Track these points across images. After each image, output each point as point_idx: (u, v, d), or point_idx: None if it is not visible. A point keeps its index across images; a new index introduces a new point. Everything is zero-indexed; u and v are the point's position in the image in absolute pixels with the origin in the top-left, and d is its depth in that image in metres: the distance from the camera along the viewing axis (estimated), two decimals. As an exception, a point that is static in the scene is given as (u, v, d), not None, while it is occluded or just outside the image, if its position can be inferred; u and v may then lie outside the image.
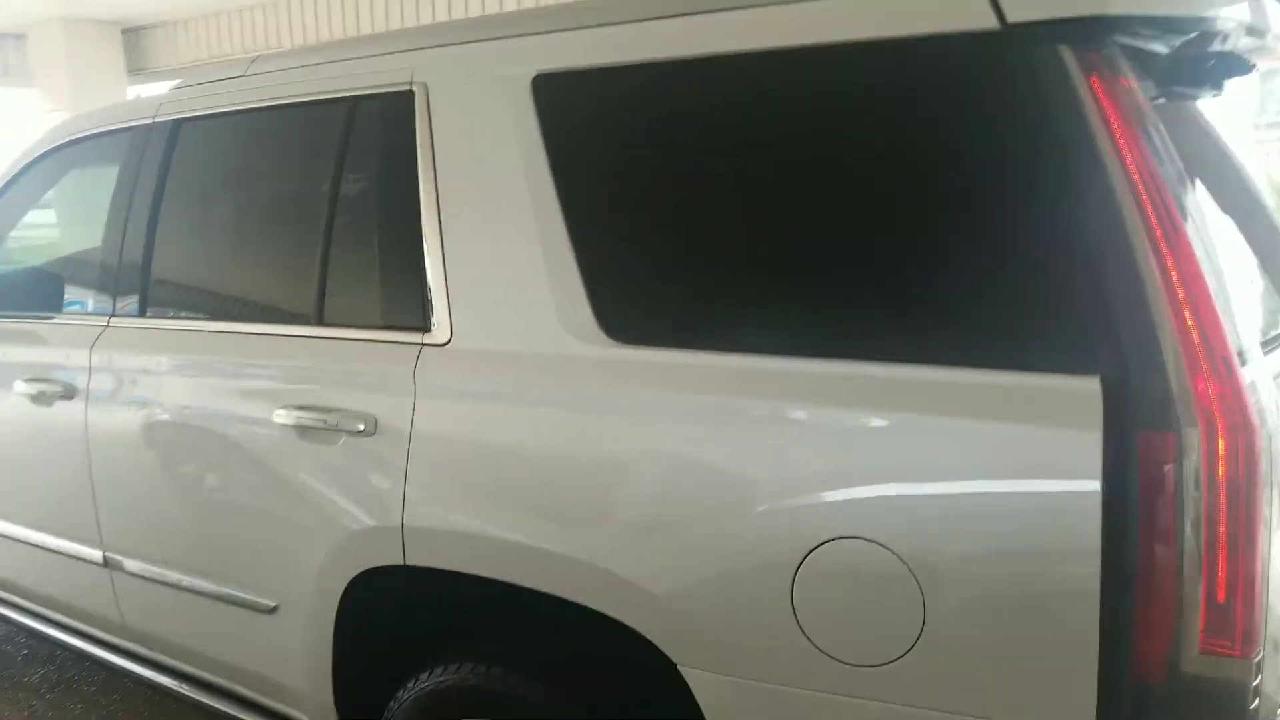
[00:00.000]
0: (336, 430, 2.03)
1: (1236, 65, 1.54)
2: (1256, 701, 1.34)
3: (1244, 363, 1.33)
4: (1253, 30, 1.58)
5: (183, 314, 2.58)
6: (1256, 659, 1.33)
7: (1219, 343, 1.30)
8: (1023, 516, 1.38)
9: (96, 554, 2.64)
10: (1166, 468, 1.28)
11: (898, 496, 1.46)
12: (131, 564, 2.57)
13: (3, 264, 3.29)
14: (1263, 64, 1.76)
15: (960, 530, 1.42)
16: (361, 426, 1.99)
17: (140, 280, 2.58)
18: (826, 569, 1.49)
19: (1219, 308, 1.31)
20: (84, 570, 2.70)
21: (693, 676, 1.64)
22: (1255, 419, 1.29)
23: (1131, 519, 1.30)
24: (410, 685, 1.99)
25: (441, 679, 1.94)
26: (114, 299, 2.64)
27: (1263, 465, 1.30)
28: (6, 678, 3.59)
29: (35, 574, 2.97)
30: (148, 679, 2.70)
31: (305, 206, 2.29)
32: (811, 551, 1.49)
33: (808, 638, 1.52)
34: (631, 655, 1.72)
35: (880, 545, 1.45)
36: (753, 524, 1.57)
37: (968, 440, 1.41)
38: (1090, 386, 1.31)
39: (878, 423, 1.48)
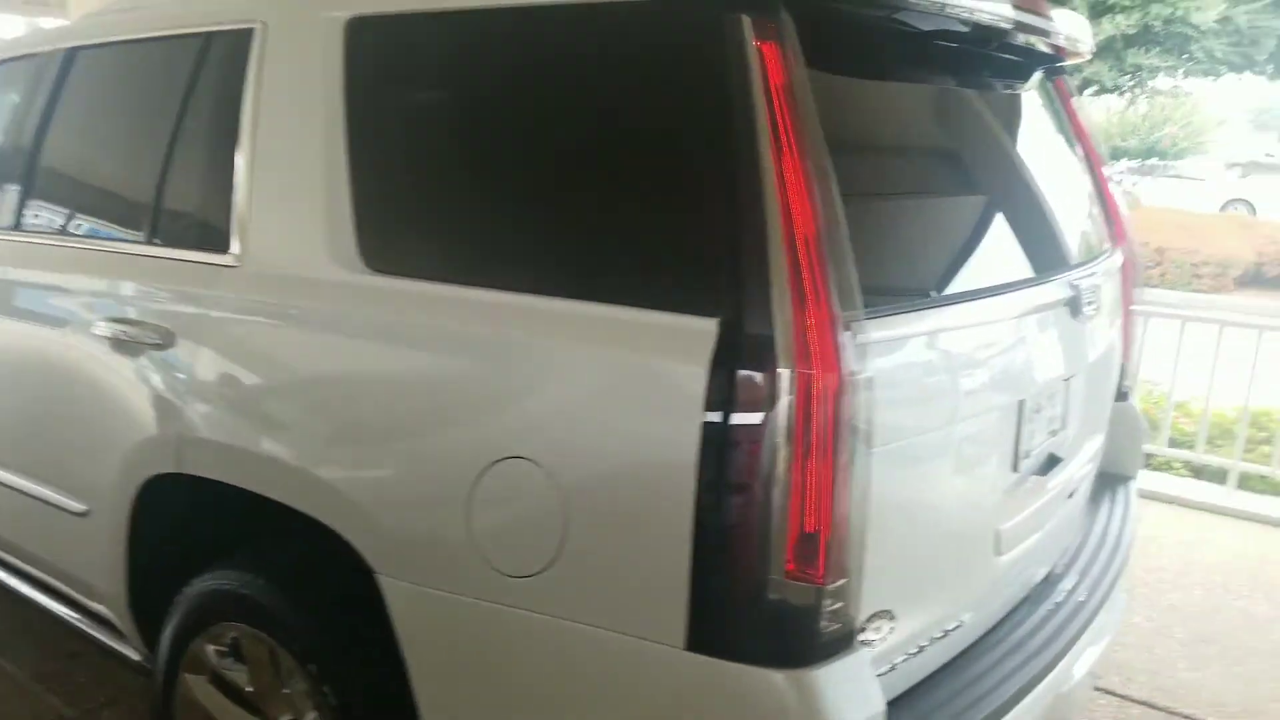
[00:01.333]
0: (139, 343, 2.20)
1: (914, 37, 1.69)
2: (838, 625, 1.49)
3: (850, 322, 1.47)
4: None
5: (37, 228, 2.75)
6: (837, 586, 1.47)
7: (823, 300, 1.44)
8: (641, 441, 1.54)
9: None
10: (763, 404, 1.43)
11: (548, 420, 1.63)
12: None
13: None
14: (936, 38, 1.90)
15: (592, 451, 1.58)
16: (159, 340, 2.16)
17: (20, 197, 2.76)
18: (496, 486, 1.65)
19: (831, 271, 1.46)
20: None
21: (385, 584, 1.80)
22: (846, 368, 1.44)
23: (728, 450, 1.45)
24: (183, 590, 2.15)
25: (206, 584, 2.10)
26: None
27: (850, 410, 1.45)
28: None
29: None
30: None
31: (149, 135, 2.43)
32: (487, 469, 1.65)
33: (480, 551, 1.67)
34: (353, 567, 1.87)
35: (535, 463, 1.60)
36: (440, 442, 1.74)
37: (603, 369, 1.58)
38: (708, 327, 1.47)
39: (537, 351, 1.65)
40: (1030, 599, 2.17)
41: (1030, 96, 2.45)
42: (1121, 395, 2.85)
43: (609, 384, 1.58)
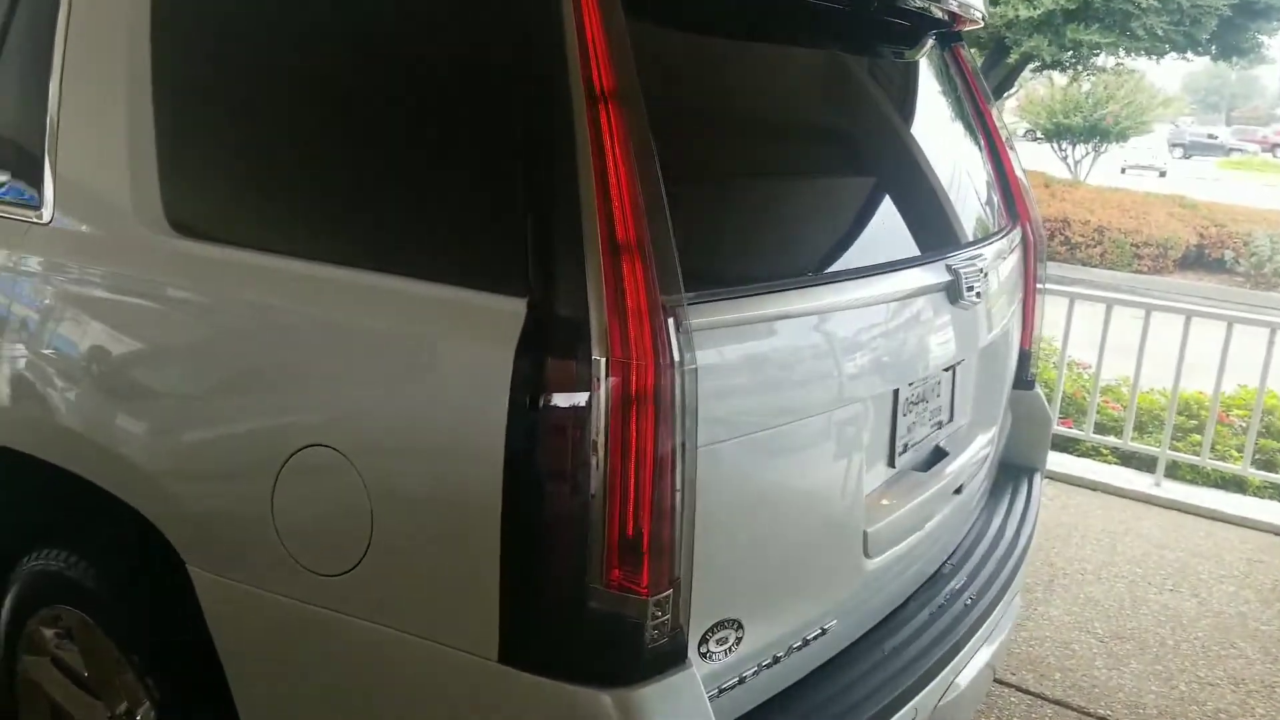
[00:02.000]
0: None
1: None
2: (665, 639, 1.33)
3: (676, 307, 1.31)
4: None
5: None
6: (662, 596, 1.32)
7: (643, 283, 1.27)
8: (446, 431, 1.35)
9: None
10: (573, 395, 1.26)
11: (352, 404, 1.44)
12: None
13: None
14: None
15: (399, 441, 1.40)
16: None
17: None
18: (300, 475, 1.47)
19: (653, 252, 1.29)
20: None
21: (195, 575, 1.63)
22: (668, 357, 1.28)
23: (536, 444, 1.28)
24: (16, 567, 1.98)
25: (34, 563, 1.93)
26: None
27: (672, 402, 1.28)
28: None
29: None
30: None
31: None
32: (290, 456, 1.47)
33: (284, 545, 1.51)
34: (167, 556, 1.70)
35: (340, 453, 1.43)
36: (242, 424, 1.56)
37: (409, 350, 1.41)
38: (516, 307, 1.29)
39: (339, 327, 1.47)
40: (914, 599, 2.03)
41: (916, 65, 2.29)
42: (1026, 383, 2.73)
43: (415, 368, 1.40)
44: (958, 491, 2.12)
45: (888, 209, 2.01)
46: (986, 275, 2.06)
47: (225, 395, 1.61)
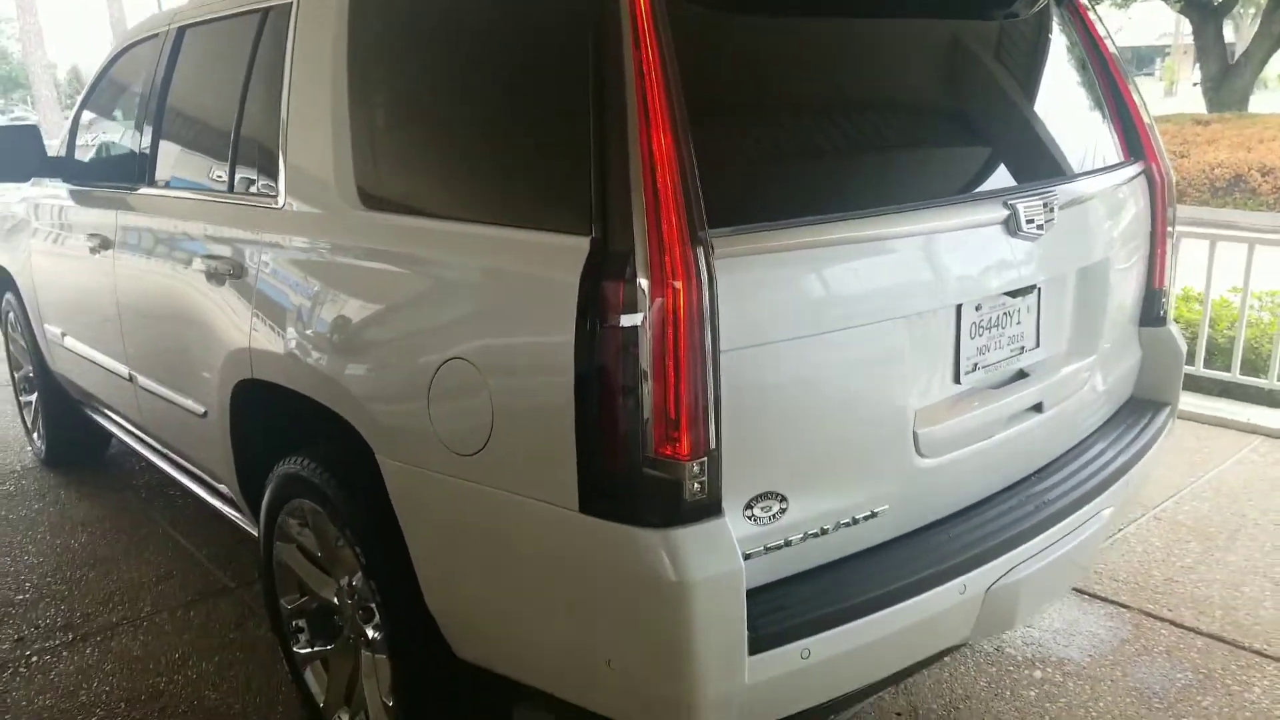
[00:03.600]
0: (222, 275, 2.70)
1: None
2: (702, 495, 1.73)
3: (711, 238, 1.70)
4: None
5: (164, 185, 3.32)
6: (698, 463, 1.72)
7: (678, 219, 1.67)
8: (536, 344, 1.83)
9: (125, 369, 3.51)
10: (623, 311, 1.68)
11: (476, 327, 1.96)
12: (141, 379, 3.40)
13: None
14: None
15: (506, 352, 1.90)
16: (233, 271, 2.64)
17: (151, 158, 3.36)
18: (445, 380, 1.99)
19: (688, 194, 1.68)
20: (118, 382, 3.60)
21: (382, 463, 2.19)
22: (698, 279, 1.67)
23: (597, 350, 1.71)
24: (270, 474, 2.64)
25: (282, 468, 2.57)
26: (137, 173, 3.43)
27: (702, 316, 1.68)
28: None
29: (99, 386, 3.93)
30: (161, 467, 3.57)
31: (225, 103, 2.92)
32: (440, 366, 1.99)
33: (438, 433, 2.03)
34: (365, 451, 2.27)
35: (470, 363, 1.93)
36: (412, 347, 2.10)
37: (509, 283, 1.91)
38: (581, 244, 1.74)
39: (459, 269, 2.02)
40: (990, 501, 2.27)
41: None
42: (1157, 320, 2.83)
43: (514, 296, 1.89)
44: (1038, 409, 2.33)
45: (947, 146, 2.26)
46: (1056, 210, 2.24)
47: (397, 327, 2.17)
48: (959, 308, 2.15)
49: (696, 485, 1.73)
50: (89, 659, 3.21)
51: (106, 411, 4.06)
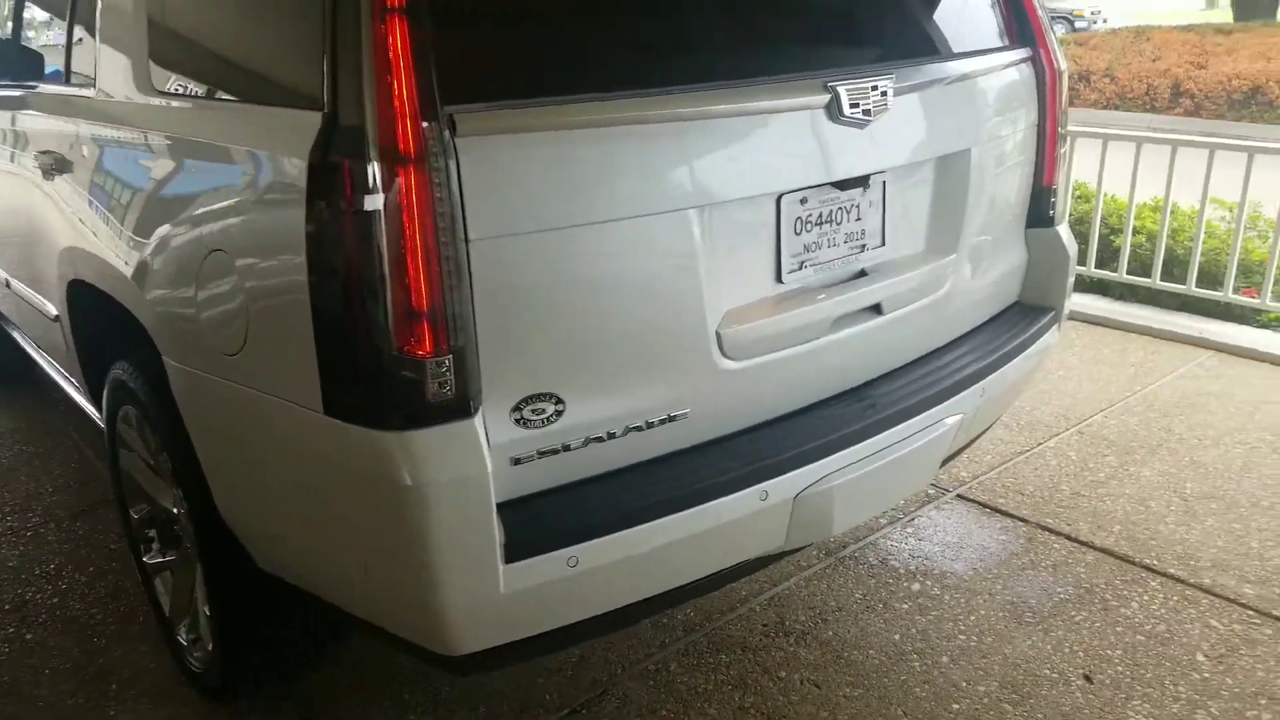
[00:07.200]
0: (50, 170, 2.58)
1: None
2: (448, 394, 1.62)
3: (434, 112, 1.55)
4: None
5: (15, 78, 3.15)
6: (441, 360, 1.60)
7: (415, 92, 1.53)
8: (272, 229, 1.70)
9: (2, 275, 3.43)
10: (355, 192, 1.54)
11: (224, 213, 1.84)
12: (14, 283, 3.31)
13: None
14: None
15: (250, 239, 1.77)
16: (57, 165, 2.52)
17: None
18: (208, 275, 1.87)
19: (423, 63, 1.54)
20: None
21: (166, 364, 2.10)
22: (437, 158, 1.53)
23: (328, 235, 1.58)
24: (106, 377, 2.56)
25: (111, 374, 2.48)
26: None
27: (443, 198, 1.54)
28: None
29: None
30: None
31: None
32: (204, 260, 1.88)
33: (207, 332, 1.92)
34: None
35: (225, 254, 1.81)
36: (180, 239, 1.98)
37: (250, 166, 1.77)
38: (312, 119, 1.60)
39: (206, 151, 1.91)
40: (824, 406, 2.16)
41: None
42: (1045, 220, 2.67)
43: (255, 180, 1.76)
44: (876, 311, 2.20)
45: (769, 20, 2.07)
46: (891, 95, 2.07)
47: (168, 219, 2.04)
48: (778, 200, 2.00)
49: (440, 385, 1.61)
50: (-38, 568, 3.19)
51: (5, 322, 4.00)
